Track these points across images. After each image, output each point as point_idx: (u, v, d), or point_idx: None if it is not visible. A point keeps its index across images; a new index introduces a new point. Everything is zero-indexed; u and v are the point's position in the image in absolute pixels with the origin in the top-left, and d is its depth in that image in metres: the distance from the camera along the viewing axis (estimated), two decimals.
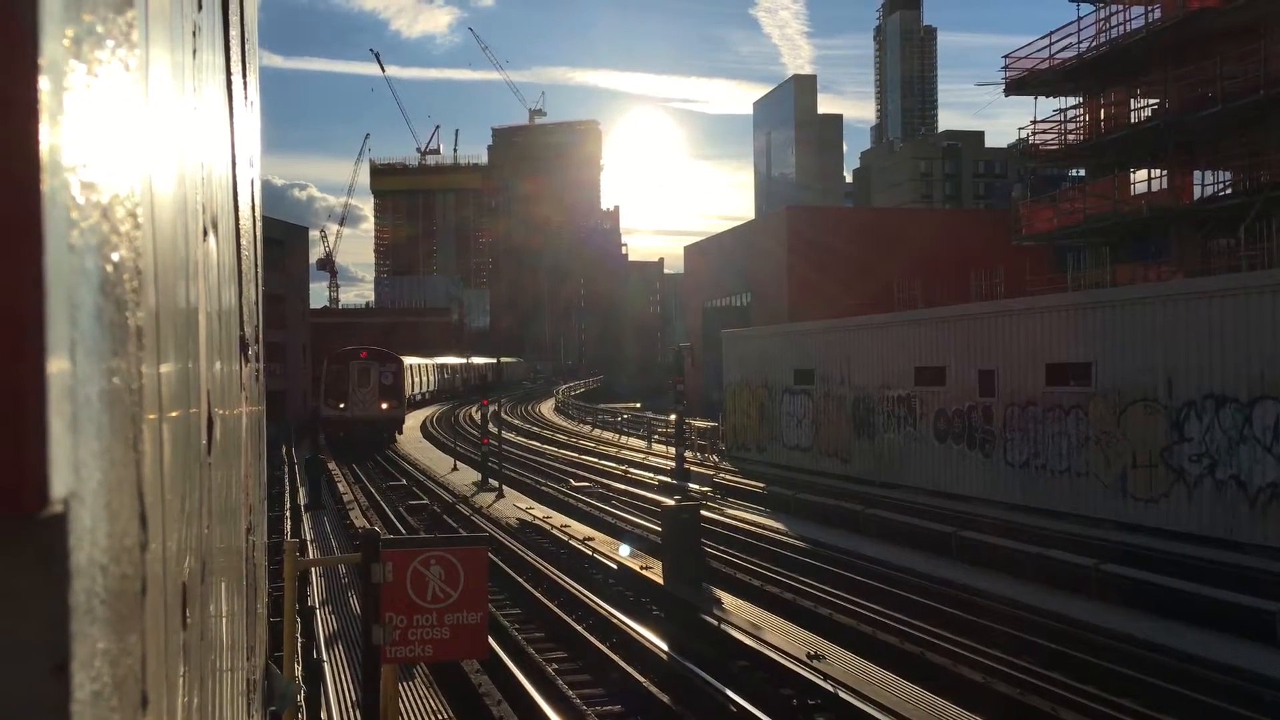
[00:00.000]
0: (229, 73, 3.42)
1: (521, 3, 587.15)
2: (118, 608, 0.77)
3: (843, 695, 11.43)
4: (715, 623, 14.72)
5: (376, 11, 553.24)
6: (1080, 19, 37.63)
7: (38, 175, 0.56)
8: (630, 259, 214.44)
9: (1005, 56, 40.60)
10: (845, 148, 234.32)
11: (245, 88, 5.00)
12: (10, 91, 0.56)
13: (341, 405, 46.67)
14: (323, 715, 10.78)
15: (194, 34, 1.98)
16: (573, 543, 21.42)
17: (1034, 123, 40.90)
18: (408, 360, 57.37)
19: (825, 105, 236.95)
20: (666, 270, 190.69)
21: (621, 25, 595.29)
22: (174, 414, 1.37)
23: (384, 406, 47.30)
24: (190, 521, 1.68)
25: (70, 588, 0.61)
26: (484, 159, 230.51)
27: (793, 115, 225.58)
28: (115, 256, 0.77)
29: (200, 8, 2.17)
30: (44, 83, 0.58)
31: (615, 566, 19.07)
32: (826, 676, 12.01)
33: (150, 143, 1.09)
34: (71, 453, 0.62)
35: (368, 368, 47.24)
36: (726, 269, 59.50)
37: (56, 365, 0.59)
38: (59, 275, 0.59)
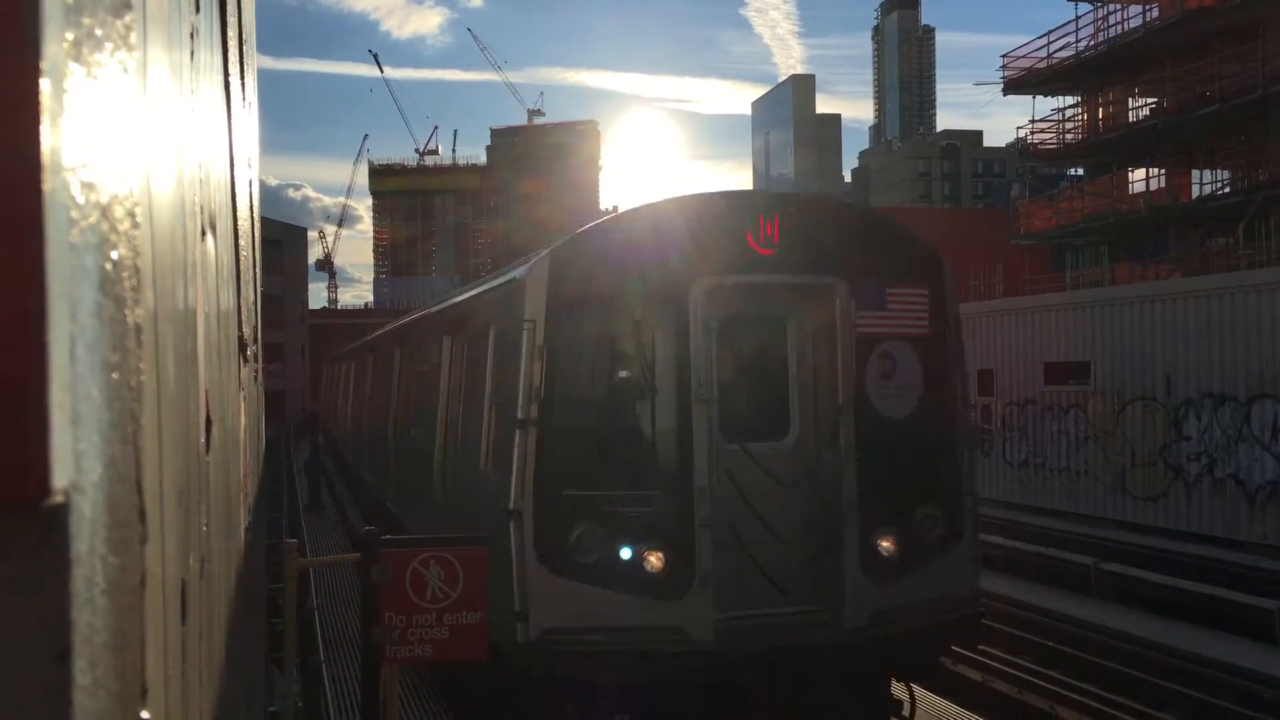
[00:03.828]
0: (227, 74, 3.43)
1: (510, 3, 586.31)
2: (117, 599, 0.78)
3: None
4: None
5: (366, 13, 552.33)
6: (1078, 18, 37.65)
7: (39, 175, 0.58)
8: None
9: (1004, 56, 40.64)
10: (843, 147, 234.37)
11: (244, 89, 5.01)
12: (12, 93, 0.58)
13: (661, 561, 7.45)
14: (322, 716, 10.78)
15: (191, 36, 1.99)
16: None
17: (1032, 122, 40.94)
18: None
19: (819, 105, 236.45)
20: None
21: (611, 25, 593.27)
22: (172, 412, 1.38)
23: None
24: (189, 519, 1.69)
25: (71, 576, 0.63)
26: (483, 159, 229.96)
27: (791, 115, 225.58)
28: (114, 254, 0.79)
29: (198, 10, 2.18)
30: (45, 85, 0.59)
31: None
32: None
33: (148, 143, 1.11)
34: (72, 445, 0.63)
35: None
36: None
37: (58, 360, 0.60)
38: (60, 272, 0.61)
